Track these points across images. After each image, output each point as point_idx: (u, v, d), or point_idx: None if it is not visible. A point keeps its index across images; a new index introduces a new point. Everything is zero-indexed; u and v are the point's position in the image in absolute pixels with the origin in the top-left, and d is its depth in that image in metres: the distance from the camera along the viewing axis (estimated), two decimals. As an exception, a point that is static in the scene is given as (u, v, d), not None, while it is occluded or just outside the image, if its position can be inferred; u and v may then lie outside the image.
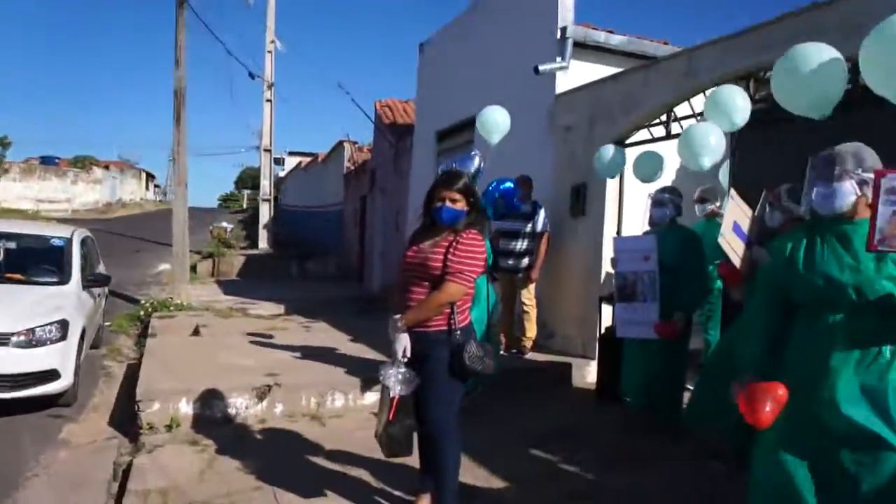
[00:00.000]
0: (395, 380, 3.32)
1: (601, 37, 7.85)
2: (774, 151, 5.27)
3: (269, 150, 22.09)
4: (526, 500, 4.04)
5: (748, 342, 2.94)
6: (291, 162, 37.35)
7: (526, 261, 7.10)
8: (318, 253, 20.09)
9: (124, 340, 9.29)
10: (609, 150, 6.21)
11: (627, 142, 6.82)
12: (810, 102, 3.55)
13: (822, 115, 3.45)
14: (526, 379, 6.47)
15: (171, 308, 10.77)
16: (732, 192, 4.32)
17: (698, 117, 6.07)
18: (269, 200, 21.81)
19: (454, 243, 3.38)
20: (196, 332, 8.74)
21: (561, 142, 7.67)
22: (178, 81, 12.00)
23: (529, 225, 7.08)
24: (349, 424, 5.45)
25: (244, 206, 53.82)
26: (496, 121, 6.71)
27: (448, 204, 3.42)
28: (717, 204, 6.17)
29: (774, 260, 2.95)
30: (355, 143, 19.91)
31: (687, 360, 5.34)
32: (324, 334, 8.54)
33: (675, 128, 6.24)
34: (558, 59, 7.65)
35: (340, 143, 20.26)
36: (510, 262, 7.07)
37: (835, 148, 2.76)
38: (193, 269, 15.97)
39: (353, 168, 18.89)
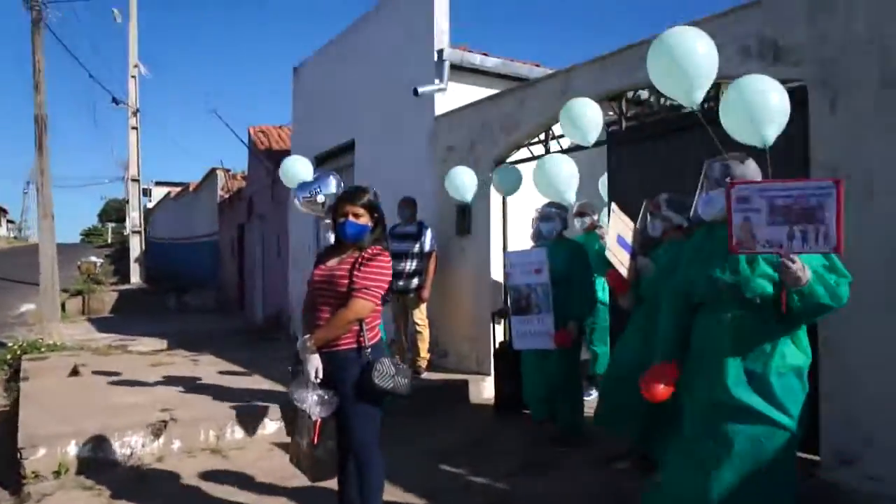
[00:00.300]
0: (313, 402, 3.29)
1: (476, 59, 8.11)
2: (646, 165, 5.60)
3: (138, 180, 21.25)
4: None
5: (660, 338, 3.25)
6: (159, 192, 35.97)
7: (416, 281, 7.19)
8: (195, 285, 19.47)
9: (-10, 387, 8.69)
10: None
11: (508, 161, 7.07)
12: (680, 85, 3.53)
13: (692, 103, 3.52)
14: (424, 398, 6.50)
15: (43, 349, 10.12)
16: (614, 206, 4.50)
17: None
18: (139, 233, 20.94)
19: (360, 260, 3.37)
20: (75, 373, 8.25)
21: (442, 162, 7.82)
22: (39, 107, 11.41)
23: (417, 245, 7.18)
24: (252, 455, 5.34)
25: (109, 240, 51.20)
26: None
27: (351, 219, 3.41)
28: (595, 217, 6.48)
29: (672, 265, 3.24)
30: (228, 170, 19.47)
31: (580, 369, 5.58)
32: (212, 367, 8.30)
33: (553, 146, 6.53)
34: (436, 81, 7.82)
35: (213, 171, 19.74)
36: (400, 282, 7.13)
37: (715, 159, 3.07)
38: (62, 307, 15.12)
39: (227, 196, 18.46)
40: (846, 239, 2.66)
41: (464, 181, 6.46)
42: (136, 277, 20.60)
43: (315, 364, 3.33)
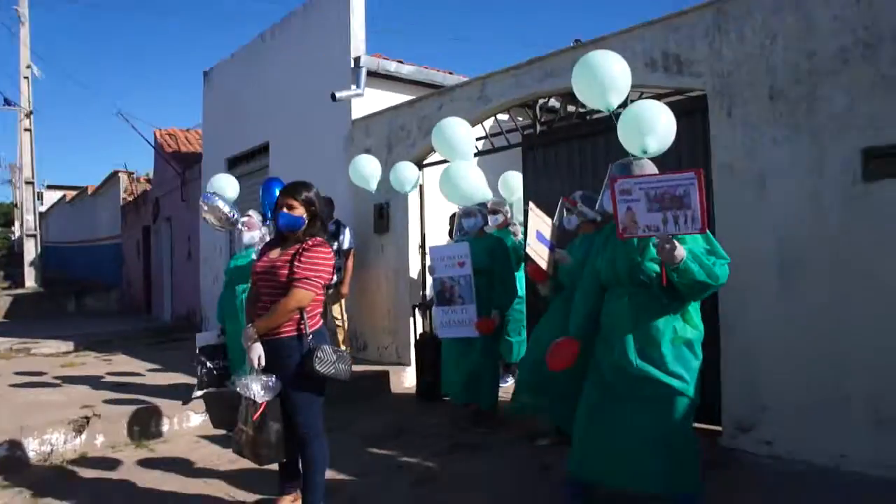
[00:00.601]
0: (259, 386, 3.45)
1: (392, 66, 8.38)
2: (558, 166, 5.98)
3: (32, 183, 20.32)
4: (377, 490, 4.29)
5: (572, 318, 3.68)
6: (51, 196, 34.52)
7: (334, 278, 7.34)
8: (97, 288, 18.89)
9: None
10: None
11: (425, 162, 7.37)
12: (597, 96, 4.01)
13: (608, 108, 3.97)
14: (346, 389, 6.67)
15: (-63, 356, 9.69)
16: (532, 205, 4.78)
17: (490, 138, 6.75)
18: (34, 236, 20.04)
19: (300, 251, 3.53)
20: (-25, 376, 7.98)
21: (361, 163, 8.03)
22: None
23: (335, 243, 7.36)
24: (179, 447, 5.38)
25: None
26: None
27: (285, 210, 3.59)
28: (508, 215, 6.83)
29: (585, 254, 3.71)
30: (132, 173, 19.00)
31: (498, 356, 5.91)
32: (126, 366, 8.19)
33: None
34: (353, 86, 8.03)
35: (115, 174, 19.24)
36: None
37: (619, 161, 3.56)
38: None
39: (131, 199, 18.03)
40: (744, 227, 3.09)
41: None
42: (30, 282, 19.69)
43: (258, 351, 3.49)
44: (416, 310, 6.99)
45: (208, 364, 5.82)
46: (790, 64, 4.38)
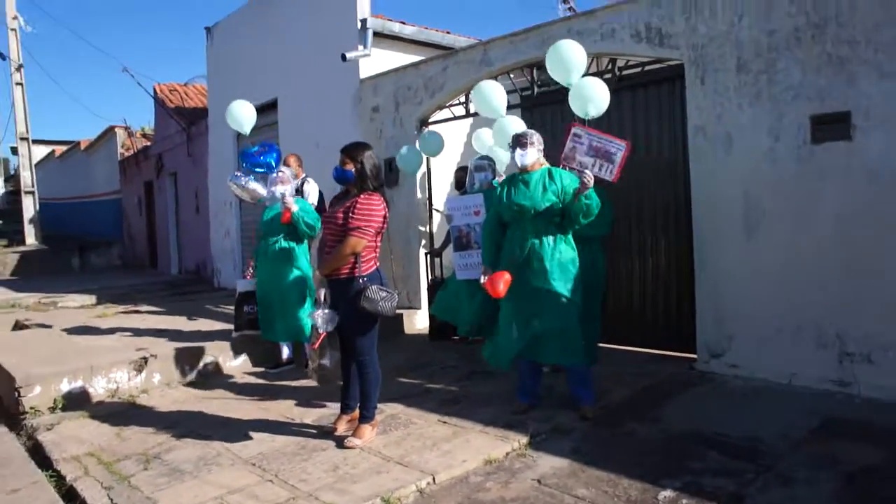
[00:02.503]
0: (321, 319, 4.20)
1: (396, 27, 8.95)
2: (553, 124, 6.65)
3: (27, 139, 20.61)
4: (413, 406, 5.09)
5: (484, 250, 4.96)
6: (38, 151, 34.53)
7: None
8: (99, 245, 19.38)
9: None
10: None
11: (431, 120, 8.00)
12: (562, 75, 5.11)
13: (568, 84, 5.02)
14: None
15: (-30, 308, 10.31)
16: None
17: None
18: (32, 193, 20.40)
19: (354, 204, 4.18)
20: (21, 327, 8.60)
21: (369, 121, 8.66)
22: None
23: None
24: (228, 383, 6.13)
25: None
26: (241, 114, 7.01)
27: (338, 165, 4.28)
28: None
29: (494, 199, 4.92)
30: (128, 127, 19.36)
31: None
32: (156, 317, 8.74)
33: (472, 107, 7.48)
34: (360, 47, 8.58)
35: (111, 129, 19.57)
36: None
37: (523, 130, 4.82)
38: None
39: (130, 154, 18.41)
40: (714, 179, 3.93)
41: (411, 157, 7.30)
42: (31, 239, 20.12)
43: (323, 290, 4.26)
44: (429, 256, 7.67)
45: (245, 307, 6.37)
46: (753, 40, 5.13)
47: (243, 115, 6.88)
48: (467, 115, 7.61)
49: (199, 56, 12.34)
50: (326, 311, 4.25)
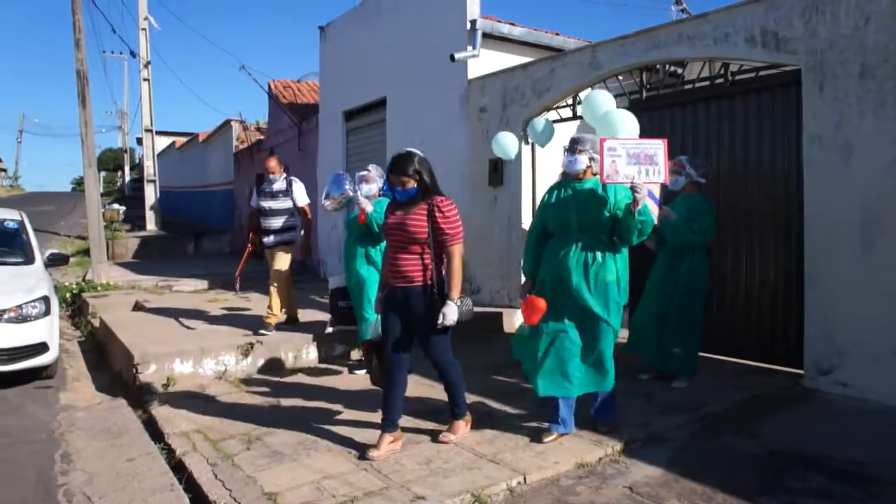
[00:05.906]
0: (371, 330, 4.53)
1: (505, 28, 8.98)
2: (661, 131, 6.52)
3: (151, 130, 21.80)
4: (506, 405, 5.16)
5: (526, 259, 4.62)
6: (160, 142, 36.36)
7: (286, 236, 8.03)
8: (210, 232, 20.24)
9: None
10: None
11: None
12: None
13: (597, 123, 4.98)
14: (464, 327, 7.43)
15: (98, 288, 11.00)
16: None
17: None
18: (154, 182, 21.56)
19: (432, 209, 4.07)
20: (140, 308, 9.11)
21: (476, 121, 8.73)
22: (80, 63, 12.13)
23: (290, 200, 7.95)
24: (332, 373, 6.34)
25: (102, 189, 51.27)
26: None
27: (398, 188, 4.14)
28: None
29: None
30: (243, 121, 20.15)
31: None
32: (263, 304, 8.99)
33: (579, 110, 7.43)
34: (469, 48, 8.67)
35: (227, 122, 20.41)
36: (269, 238, 7.93)
37: (578, 134, 4.49)
38: (86, 252, 15.79)
39: (243, 147, 19.14)
40: (830, 191, 3.76)
41: (508, 143, 7.24)
42: (151, 224, 21.27)
43: (379, 301, 4.47)
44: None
45: (339, 303, 6.48)
46: (880, 44, 4.89)
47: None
48: (574, 117, 7.56)
49: (313, 54, 12.80)
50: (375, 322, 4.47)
